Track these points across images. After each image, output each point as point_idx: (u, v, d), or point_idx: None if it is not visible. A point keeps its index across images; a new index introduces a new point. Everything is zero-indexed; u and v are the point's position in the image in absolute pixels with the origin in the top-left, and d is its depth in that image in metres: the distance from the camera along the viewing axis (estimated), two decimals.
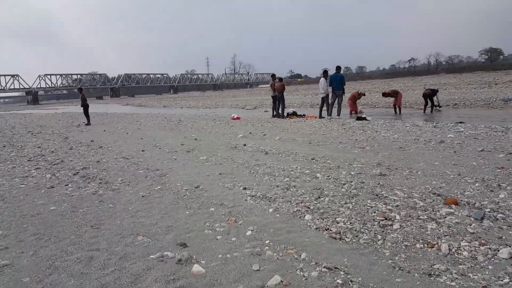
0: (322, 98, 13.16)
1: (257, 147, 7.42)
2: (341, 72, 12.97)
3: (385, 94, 15.27)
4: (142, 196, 4.60)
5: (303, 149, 6.99)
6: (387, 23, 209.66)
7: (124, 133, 11.93)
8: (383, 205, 3.62)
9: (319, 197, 3.99)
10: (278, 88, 14.13)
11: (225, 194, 4.37)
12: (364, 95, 16.79)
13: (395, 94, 14.79)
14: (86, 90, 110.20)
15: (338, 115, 12.92)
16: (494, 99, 15.53)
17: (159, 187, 4.95)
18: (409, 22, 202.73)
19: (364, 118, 11.70)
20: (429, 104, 14.13)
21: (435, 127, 8.91)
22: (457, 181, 4.23)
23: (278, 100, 14.32)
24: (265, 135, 9.42)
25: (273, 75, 15.22)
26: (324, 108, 13.25)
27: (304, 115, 14.46)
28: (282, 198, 4.07)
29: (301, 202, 3.88)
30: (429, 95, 14.18)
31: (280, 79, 14.69)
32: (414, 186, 4.12)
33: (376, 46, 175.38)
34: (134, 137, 10.64)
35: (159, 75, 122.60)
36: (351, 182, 4.45)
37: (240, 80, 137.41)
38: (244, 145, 7.77)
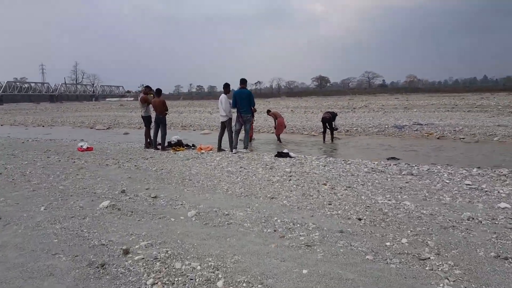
0: (223, 122, 9.25)
1: (168, 267, 2.91)
2: (246, 87, 9.33)
3: (269, 112, 13.08)
4: None
5: (289, 267, 2.90)
6: (237, 48, 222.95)
7: None
8: None
9: None
10: (157, 106, 9.49)
11: None
12: (255, 111, 13.95)
13: (274, 117, 12.62)
14: None
15: (246, 147, 9.29)
16: (386, 126, 14.93)
17: None
18: (255, 49, 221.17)
19: (287, 154, 8.43)
20: (329, 131, 12.21)
21: (412, 174, 6.23)
22: None
23: (156, 124, 9.64)
24: (155, 197, 4.88)
25: (147, 87, 10.40)
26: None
27: (194, 146, 10.23)
28: None
29: None
30: (329, 119, 12.19)
31: (158, 92, 9.98)
32: None
33: (226, 68, 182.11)
34: None
35: None
36: None
37: (84, 91, 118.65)
38: (126, 252, 3.11)
